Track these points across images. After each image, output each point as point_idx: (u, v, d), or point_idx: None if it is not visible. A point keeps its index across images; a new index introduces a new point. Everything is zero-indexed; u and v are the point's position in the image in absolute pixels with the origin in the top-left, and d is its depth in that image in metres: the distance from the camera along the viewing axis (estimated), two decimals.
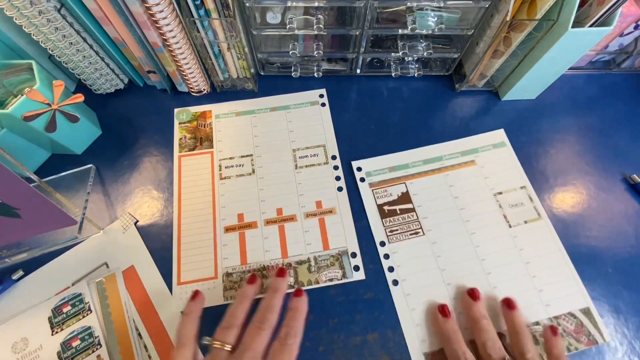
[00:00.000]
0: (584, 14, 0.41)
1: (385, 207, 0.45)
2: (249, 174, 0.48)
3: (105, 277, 0.41)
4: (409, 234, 0.43)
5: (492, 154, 0.48)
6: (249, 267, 0.42)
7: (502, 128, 0.50)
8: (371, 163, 0.48)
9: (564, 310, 0.39)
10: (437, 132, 0.50)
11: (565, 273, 0.41)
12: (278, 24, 0.45)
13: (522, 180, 0.46)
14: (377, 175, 0.47)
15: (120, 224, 0.44)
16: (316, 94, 0.53)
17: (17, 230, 0.36)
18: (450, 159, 0.48)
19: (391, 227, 0.44)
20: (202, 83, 0.51)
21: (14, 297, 0.40)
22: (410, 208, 0.45)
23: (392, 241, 0.43)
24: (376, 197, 0.46)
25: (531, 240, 0.43)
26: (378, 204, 0.45)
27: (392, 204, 0.45)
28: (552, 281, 0.41)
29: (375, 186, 0.46)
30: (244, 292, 0.37)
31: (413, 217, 0.44)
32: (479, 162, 0.48)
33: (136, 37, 0.43)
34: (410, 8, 0.43)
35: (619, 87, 0.54)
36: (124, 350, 0.37)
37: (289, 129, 0.51)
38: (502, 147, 0.49)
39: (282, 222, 0.44)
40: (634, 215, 0.44)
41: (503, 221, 0.44)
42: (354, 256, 0.42)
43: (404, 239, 0.43)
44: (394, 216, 0.44)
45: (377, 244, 0.43)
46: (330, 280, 0.41)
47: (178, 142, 0.50)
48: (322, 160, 0.48)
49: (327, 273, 0.41)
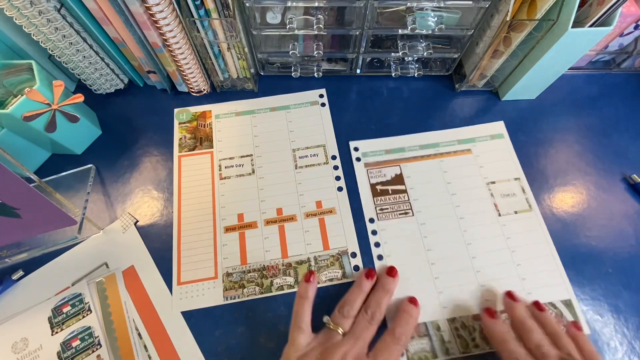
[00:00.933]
0: (584, 14, 0.41)
1: (377, 187, 0.46)
2: (249, 174, 0.47)
3: (105, 277, 0.41)
4: (399, 214, 0.44)
5: (489, 144, 0.49)
6: (249, 267, 0.42)
7: (502, 120, 0.51)
8: (368, 144, 0.49)
9: (544, 299, 0.39)
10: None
11: (550, 264, 0.42)
12: (278, 24, 0.45)
13: (517, 172, 0.47)
14: (373, 156, 0.48)
15: (120, 223, 0.44)
16: (316, 94, 0.53)
17: (17, 230, 0.36)
18: (447, 146, 0.49)
19: (382, 205, 0.45)
20: (202, 83, 0.51)
21: (14, 297, 0.40)
22: (403, 189, 0.46)
23: (381, 219, 0.44)
24: (370, 176, 0.47)
25: (519, 230, 0.43)
26: (371, 183, 0.46)
27: (385, 184, 0.46)
28: (536, 270, 0.41)
29: (370, 166, 0.48)
30: (362, 286, 0.38)
31: (404, 198, 0.45)
32: (475, 151, 0.48)
33: (136, 37, 0.43)
34: (410, 8, 0.43)
35: (619, 87, 0.54)
36: (124, 350, 0.37)
37: (289, 129, 0.50)
38: (500, 139, 0.49)
39: (282, 222, 0.44)
40: (634, 215, 0.44)
41: (493, 209, 0.44)
42: (353, 256, 0.42)
43: (393, 218, 0.44)
44: (386, 195, 0.46)
45: (366, 221, 0.44)
46: (330, 280, 0.41)
47: (178, 142, 0.50)
48: (322, 160, 0.48)
49: (327, 273, 0.41)
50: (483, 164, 0.47)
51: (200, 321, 0.39)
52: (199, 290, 0.41)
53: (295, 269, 0.42)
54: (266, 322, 0.39)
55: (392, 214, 0.44)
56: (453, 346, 0.38)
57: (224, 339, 0.38)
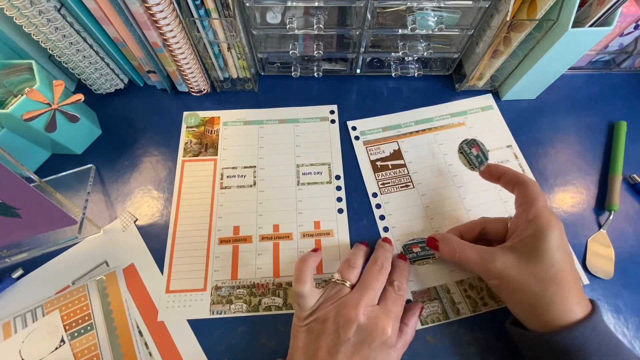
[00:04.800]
0: (584, 14, 0.41)
1: (377, 163, 0.48)
2: (250, 185, 0.47)
3: (106, 275, 0.41)
4: (400, 187, 0.46)
5: (480, 115, 0.51)
6: (239, 283, 0.41)
7: (490, 93, 0.53)
8: (365, 123, 0.51)
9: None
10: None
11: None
12: (278, 24, 0.45)
13: (509, 140, 0.49)
14: (371, 134, 0.50)
15: (120, 222, 0.44)
16: (327, 110, 0.52)
17: (17, 230, 0.36)
18: (441, 120, 0.51)
19: (383, 180, 0.47)
20: (202, 83, 0.51)
21: (14, 296, 0.40)
22: (402, 164, 0.48)
23: (383, 193, 0.46)
24: (369, 153, 0.49)
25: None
26: (371, 160, 0.48)
27: (385, 160, 0.48)
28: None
29: (369, 144, 0.49)
30: (361, 247, 0.40)
31: (404, 171, 0.47)
32: (468, 123, 0.51)
33: (136, 37, 0.43)
34: (410, 8, 0.43)
35: (619, 87, 0.54)
36: (125, 347, 0.37)
37: (296, 143, 0.49)
38: (490, 110, 0.52)
39: (278, 240, 0.43)
40: (634, 215, 0.44)
41: None
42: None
43: (394, 191, 0.46)
44: (386, 171, 0.47)
45: (369, 196, 0.46)
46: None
47: (183, 146, 0.49)
48: (325, 179, 0.47)
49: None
50: (476, 134, 0.49)
51: (202, 320, 0.39)
52: (186, 301, 0.40)
53: (285, 290, 0.40)
54: (267, 322, 0.39)
55: (394, 187, 0.46)
56: (463, 307, 0.39)
57: (225, 338, 0.38)
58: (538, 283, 0.31)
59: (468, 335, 0.38)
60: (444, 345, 0.38)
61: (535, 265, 0.31)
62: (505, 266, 0.32)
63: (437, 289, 0.40)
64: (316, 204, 0.45)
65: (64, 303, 0.39)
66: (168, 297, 0.40)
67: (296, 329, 0.35)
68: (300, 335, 0.34)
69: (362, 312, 0.33)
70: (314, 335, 0.33)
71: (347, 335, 0.32)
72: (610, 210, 0.44)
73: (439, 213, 0.44)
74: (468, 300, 0.39)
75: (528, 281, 0.31)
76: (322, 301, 0.35)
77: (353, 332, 0.32)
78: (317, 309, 0.34)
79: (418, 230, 0.43)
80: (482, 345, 0.37)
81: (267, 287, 0.41)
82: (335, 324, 0.32)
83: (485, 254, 0.34)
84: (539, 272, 0.31)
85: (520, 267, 0.32)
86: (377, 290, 0.35)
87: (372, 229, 0.44)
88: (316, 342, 0.32)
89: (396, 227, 0.44)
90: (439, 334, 0.38)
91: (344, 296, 0.34)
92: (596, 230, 0.43)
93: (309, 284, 0.35)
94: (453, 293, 0.40)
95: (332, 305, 0.34)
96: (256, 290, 0.41)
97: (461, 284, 0.40)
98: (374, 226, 0.44)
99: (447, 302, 0.39)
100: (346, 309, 0.33)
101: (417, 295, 0.40)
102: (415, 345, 0.37)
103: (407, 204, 0.45)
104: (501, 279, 0.33)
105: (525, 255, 0.32)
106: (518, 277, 0.32)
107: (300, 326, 0.34)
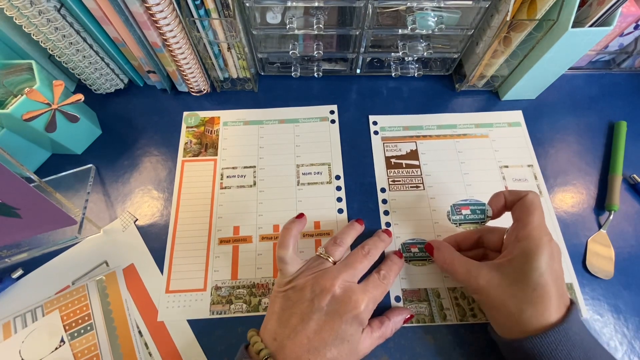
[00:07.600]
0: (584, 14, 0.41)
1: (392, 160, 0.48)
2: (250, 185, 0.47)
3: (106, 275, 0.41)
4: (410, 187, 0.46)
5: (506, 130, 0.50)
6: (239, 283, 0.41)
7: (521, 110, 0.52)
8: (387, 119, 0.51)
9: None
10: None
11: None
12: (278, 24, 0.45)
13: (531, 159, 0.48)
14: (391, 131, 0.50)
15: (120, 222, 0.44)
16: (327, 110, 0.52)
17: (17, 230, 0.36)
18: (464, 128, 0.50)
19: (394, 177, 0.47)
20: (202, 83, 0.51)
21: (14, 296, 0.40)
22: (416, 164, 0.48)
23: (392, 189, 0.46)
24: (386, 149, 0.49)
25: None
26: (386, 156, 0.48)
27: (400, 158, 0.48)
28: None
29: (387, 140, 0.49)
30: (355, 225, 0.41)
31: (417, 172, 0.47)
32: (492, 136, 0.50)
33: (136, 37, 0.43)
34: (410, 8, 0.43)
35: (619, 87, 0.54)
36: (125, 347, 0.37)
37: (295, 143, 0.49)
38: (517, 127, 0.51)
39: (278, 240, 0.43)
40: (634, 215, 0.44)
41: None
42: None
43: (403, 190, 0.46)
44: (399, 169, 0.47)
45: (378, 190, 0.46)
46: None
47: (183, 146, 0.49)
48: (325, 179, 0.47)
49: None
50: (498, 149, 0.48)
51: (202, 320, 0.39)
52: (186, 301, 0.40)
53: None
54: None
55: (404, 186, 0.46)
56: (451, 313, 0.39)
57: (225, 338, 0.38)
58: (517, 305, 0.31)
59: (454, 341, 0.38)
60: (436, 345, 0.38)
61: (518, 288, 0.31)
62: (489, 284, 0.32)
63: (427, 291, 0.40)
64: (316, 204, 0.45)
65: (64, 303, 0.39)
66: (168, 297, 0.40)
67: (275, 294, 0.35)
68: (277, 301, 0.35)
69: (339, 285, 0.33)
70: (291, 302, 0.34)
71: (321, 304, 0.32)
72: (610, 210, 0.44)
73: (444, 218, 0.44)
74: (457, 308, 0.39)
75: (507, 302, 0.31)
76: (303, 270, 0.36)
77: (327, 302, 0.33)
78: (296, 277, 0.35)
79: (420, 231, 0.43)
80: (466, 352, 0.38)
81: (267, 287, 0.41)
82: (312, 292, 0.33)
83: (472, 268, 0.34)
84: (519, 295, 0.31)
85: (502, 288, 0.32)
86: (358, 270, 0.36)
87: (373, 230, 0.43)
88: (291, 309, 0.33)
89: (398, 224, 0.44)
90: (425, 335, 0.38)
91: (325, 269, 0.35)
92: (596, 231, 0.44)
93: (290, 249, 0.36)
94: (443, 298, 0.40)
95: (311, 275, 0.35)
96: (256, 290, 0.41)
97: (453, 291, 0.40)
98: (374, 226, 0.44)
99: (435, 306, 0.39)
100: (323, 280, 0.34)
101: (407, 294, 0.40)
102: (405, 341, 0.37)
103: (414, 204, 0.45)
104: (481, 295, 0.33)
105: (509, 276, 0.32)
106: (498, 297, 0.32)
107: (278, 292, 0.35)
